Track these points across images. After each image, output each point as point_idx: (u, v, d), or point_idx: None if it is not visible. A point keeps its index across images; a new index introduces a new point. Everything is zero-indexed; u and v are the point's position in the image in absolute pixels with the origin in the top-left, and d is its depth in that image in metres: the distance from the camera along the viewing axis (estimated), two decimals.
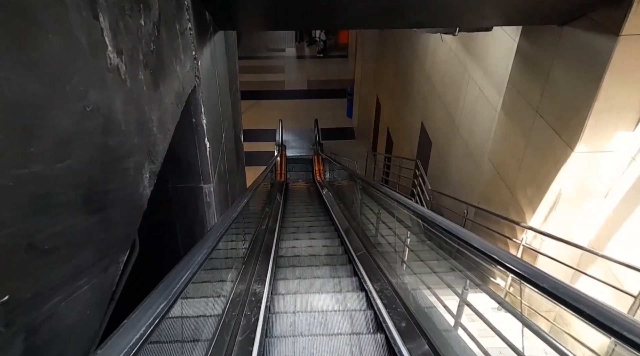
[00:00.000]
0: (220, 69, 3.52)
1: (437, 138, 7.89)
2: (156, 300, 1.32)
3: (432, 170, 7.95)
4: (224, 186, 3.58)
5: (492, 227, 4.88)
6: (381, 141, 12.03)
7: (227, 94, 3.86)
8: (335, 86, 15.76)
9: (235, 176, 4.33)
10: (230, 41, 4.08)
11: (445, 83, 7.37)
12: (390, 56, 10.94)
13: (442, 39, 5.83)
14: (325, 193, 10.48)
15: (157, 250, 3.37)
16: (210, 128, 3.07)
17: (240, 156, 4.70)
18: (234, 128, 4.31)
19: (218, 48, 3.42)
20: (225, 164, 3.65)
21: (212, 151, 3.08)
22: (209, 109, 3.01)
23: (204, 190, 3.13)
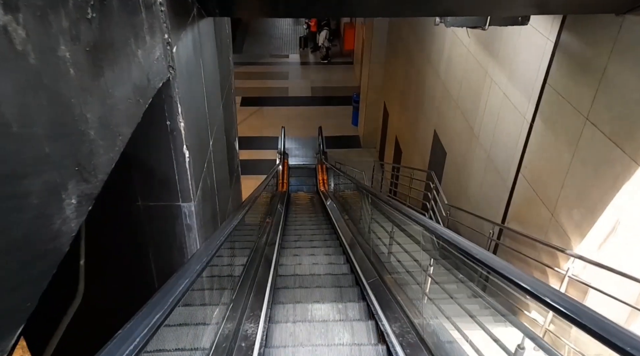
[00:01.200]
0: (209, 64, 2.90)
1: (452, 148, 7.26)
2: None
3: (446, 183, 7.31)
4: (211, 204, 2.95)
5: (525, 252, 4.22)
6: (389, 150, 11.40)
7: (217, 95, 3.24)
8: (340, 93, 15.19)
9: (228, 190, 3.70)
10: (224, 34, 3.48)
11: (462, 89, 6.76)
12: (399, 62, 10.35)
13: (469, 35, 5.22)
14: (330, 204, 9.85)
15: (127, 282, 2.73)
16: (192, 134, 2.44)
17: (235, 166, 4.08)
18: (227, 135, 3.69)
19: (206, 39, 2.82)
20: (214, 177, 3.02)
21: (193, 162, 2.45)
22: (189, 110, 2.38)
23: (183, 210, 2.50)
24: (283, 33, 19.70)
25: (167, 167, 2.36)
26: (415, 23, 8.96)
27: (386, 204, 4.49)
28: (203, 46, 2.69)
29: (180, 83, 2.22)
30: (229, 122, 3.79)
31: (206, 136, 2.83)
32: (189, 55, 2.38)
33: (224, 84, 3.46)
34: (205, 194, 2.77)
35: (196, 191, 2.55)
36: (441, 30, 7.51)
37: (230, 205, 3.80)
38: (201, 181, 2.65)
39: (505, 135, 5.47)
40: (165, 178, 2.39)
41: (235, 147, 4.16)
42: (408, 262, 4.29)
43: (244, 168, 11.75)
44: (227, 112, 3.70)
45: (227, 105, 3.68)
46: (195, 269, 1.80)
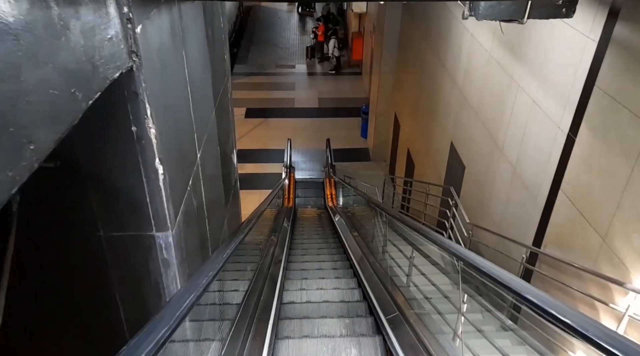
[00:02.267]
0: (195, 59, 2.38)
1: (471, 161, 6.68)
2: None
3: (465, 199, 6.71)
4: (198, 231, 2.40)
5: (568, 282, 3.62)
6: (400, 164, 10.84)
7: (208, 98, 2.72)
8: (349, 104, 14.71)
9: (222, 210, 3.15)
10: (217, 26, 2.97)
11: (483, 97, 6.21)
12: (411, 70, 9.85)
13: (502, 31, 4.68)
14: (338, 220, 9.28)
15: (88, 334, 2.17)
16: (169, 143, 1.91)
17: (232, 182, 3.53)
18: (222, 146, 3.16)
19: (191, 27, 2.31)
20: (202, 196, 2.47)
21: (171, 179, 1.92)
22: (164, 112, 1.86)
23: (158, 241, 1.96)
24: (289, 43, 19.35)
25: (134, 186, 1.83)
26: (429, 27, 8.47)
27: (406, 225, 3.92)
28: (186, 35, 2.17)
29: (149, 76, 1.69)
30: (224, 131, 3.26)
31: (191, 146, 2.29)
32: (164, 42, 1.86)
33: (217, 86, 2.94)
34: (189, 219, 2.22)
35: (175, 216, 2.00)
36: (458, 34, 7.01)
37: (226, 227, 3.24)
38: (183, 203, 2.10)
39: (535, 147, 4.90)
40: (132, 201, 1.85)
41: (233, 160, 3.62)
42: (433, 292, 3.72)
43: (248, 183, 11.27)
44: (222, 120, 3.17)
45: (222, 111, 3.15)
46: (175, 315, 1.31)
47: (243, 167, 11.68)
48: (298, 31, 20.59)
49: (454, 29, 7.21)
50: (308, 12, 22.15)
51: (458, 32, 7.06)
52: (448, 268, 5.78)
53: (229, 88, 3.49)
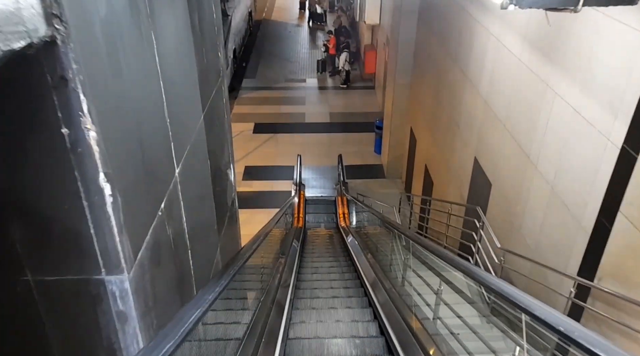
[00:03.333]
0: (172, 47, 1.86)
1: (499, 178, 6.06)
2: None
3: (492, 220, 6.07)
4: (173, 269, 1.84)
5: (632, 324, 2.97)
6: (417, 181, 10.23)
7: (193, 99, 2.19)
8: (361, 119, 14.21)
9: (214, 236, 2.60)
10: (206, 14, 2.46)
11: (512, 106, 5.63)
12: (428, 81, 9.32)
13: (549, 23, 4.05)
14: (351, 240, 8.68)
15: None
16: (123, 154, 1.38)
17: (228, 203, 2.98)
18: (214, 160, 2.62)
19: (166, 5, 1.79)
20: (183, 223, 1.93)
21: (127, 203, 1.37)
22: (115, 111, 1.33)
23: (109, 287, 1.41)
24: (300, 56, 19.03)
25: (71, 213, 1.29)
26: (448, 35, 7.96)
27: (433, 252, 3.32)
28: (157, 14, 1.66)
29: (86, 56, 1.16)
30: (217, 141, 2.73)
31: (165, 159, 1.76)
32: (115, 12, 1.34)
33: (207, 87, 2.42)
34: (160, 253, 1.67)
35: (135, 252, 1.45)
36: (481, 39, 6.48)
37: (219, 258, 2.68)
38: (149, 234, 1.56)
39: (577, 162, 4.29)
40: (69, 233, 1.31)
41: (230, 176, 3.08)
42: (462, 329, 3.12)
43: (255, 201, 10.73)
44: (215, 128, 2.64)
45: (214, 117, 2.62)
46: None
47: (250, 185, 11.19)
48: (308, 45, 20.31)
49: (477, 35, 6.69)
50: (319, 26, 21.92)
51: (481, 38, 6.53)
52: (475, 298, 5.13)
53: (225, 91, 2.97)
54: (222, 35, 2.84)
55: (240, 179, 11.32)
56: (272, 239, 5.91)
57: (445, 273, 3.76)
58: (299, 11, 24.25)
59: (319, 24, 21.98)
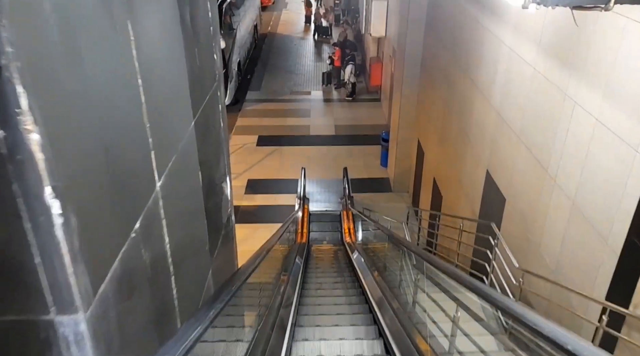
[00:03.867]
0: (155, 41, 1.60)
1: (514, 193, 5.76)
2: None
3: (507, 237, 5.73)
4: (149, 301, 1.55)
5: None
6: (425, 195, 9.92)
7: (181, 103, 1.93)
8: (367, 131, 13.98)
9: (205, 259, 2.31)
10: (200, 11, 2.22)
11: (528, 117, 5.35)
12: (436, 92, 9.08)
13: (576, 23, 3.77)
14: (356, 257, 8.35)
15: None
16: (80, 163, 1.10)
17: (223, 220, 2.69)
18: (207, 172, 2.35)
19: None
20: (165, 245, 1.65)
21: (84, 224, 1.10)
22: (68, 108, 1.05)
23: (61, 330, 1.12)
24: (305, 69, 18.92)
25: (9, 238, 1.01)
26: (457, 45, 7.73)
27: (448, 274, 3.01)
28: (137, 1, 1.41)
29: (28, 36, 0.90)
30: (211, 152, 2.46)
31: (142, 170, 1.48)
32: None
33: (199, 91, 2.16)
34: (132, 284, 1.38)
35: (96, 286, 1.17)
36: (493, 49, 6.23)
37: (211, 282, 2.39)
38: (117, 261, 1.27)
39: (601, 175, 3.99)
40: (9, 264, 1.03)
41: (225, 190, 2.80)
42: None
43: (258, 216, 10.43)
44: (209, 137, 2.38)
45: (208, 125, 2.36)
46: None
47: (253, 199, 10.92)
48: (314, 57, 20.22)
49: (488, 44, 6.45)
50: (324, 39, 21.88)
51: (492, 47, 6.29)
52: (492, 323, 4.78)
53: (221, 97, 2.71)
54: (219, 37, 2.60)
55: (242, 193, 11.05)
56: (273, 257, 5.61)
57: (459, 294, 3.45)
58: (305, 25, 24.27)
59: (325, 37, 21.94)
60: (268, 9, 26.97)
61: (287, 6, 28.77)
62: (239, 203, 10.73)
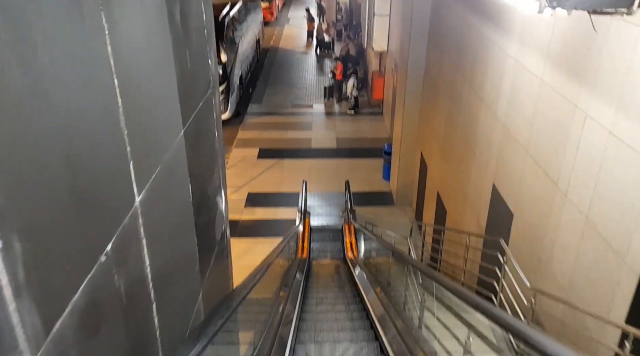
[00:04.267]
0: (138, 39, 1.43)
1: (522, 207, 5.56)
2: None
3: (515, 254, 5.51)
4: (120, 340, 1.35)
5: None
6: (429, 209, 9.71)
7: (168, 109, 1.75)
8: (369, 144, 13.83)
9: (194, 282, 2.10)
10: (193, 10, 2.08)
11: (535, 130, 5.18)
12: (439, 105, 8.94)
13: (595, 29, 3.63)
14: (359, 273, 8.12)
15: None
16: (29, 172, 0.93)
17: (213, 237, 2.50)
18: (199, 185, 2.17)
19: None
20: (145, 268, 1.46)
21: (33, 248, 0.91)
22: (7, 103, 0.87)
23: None
24: (307, 83, 18.88)
25: None
26: (461, 58, 7.61)
27: (460, 297, 2.80)
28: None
29: None
30: (204, 163, 2.28)
31: (118, 182, 1.30)
32: None
33: (190, 97, 1.99)
34: (99, 317, 1.18)
35: (49, 324, 0.98)
36: (498, 62, 6.10)
37: (202, 306, 2.19)
38: (80, 291, 1.08)
39: (616, 190, 3.79)
40: None
41: (219, 205, 2.61)
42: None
43: (258, 230, 10.21)
44: (201, 147, 2.20)
45: (201, 134, 2.19)
46: None
47: (253, 213, 10.72)
48: (316, 72, 20.21)
49: (492, 56, 6.32)
50: (326, 54, 21.92)
51: (497, 60, 6.15)
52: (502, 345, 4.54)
53: (216, 105, 2.55)
54: (214, 40, 2.44)
55: (242, 207, 10.86)
56: (273, 273, 5.41)
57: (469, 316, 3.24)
58: (307, 39, 24.36)
59: (327, 51, 21.98)
60: (271, 24, 27.13)
61: (289, 22, 28.96)
62: (239, 216, 10.53)
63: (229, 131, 14.32)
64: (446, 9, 8.51)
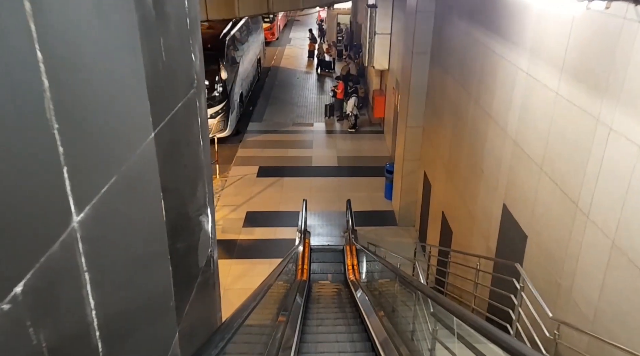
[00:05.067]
0: (90, 24, 1.12)
1: (537, 229, 5.18)
2: None
3: (530, 279, 5.11)
4: None
5: None
6: (433, 230, 9.32)
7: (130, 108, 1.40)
8: (370, 163, 13.53)
9: (166, 322, 1.71)
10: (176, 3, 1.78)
11: (551, 147, 4.85)
12: (445, 123, 8.65)
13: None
14: (360, 296, 7.69)
15: None
16: None
17: (196, 265, 2.11)
18: (177, 202, 1.81)
19: None
20: (90, 314, 1.09)
21: None
22: None
23: None
24: (308, 101, 18.71)
25: None
26: (467, 74, 7.35)
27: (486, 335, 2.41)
28: None
29: None
30: (183, 176, 1.93)
31: (44, 195, 0.94)
32: None
33: (165, 95, 1.65)
34: None
35: None
36: (508, 76, 5.82)
37: (178, 350, 1.81)
38: None
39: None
40: None
41: (204, 225, 2.25)
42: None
43: (256, 251, 9.79)
44: (179, 156, 1.86)
45: (179, 141, 1.84)
46: None
47: (251, 233, 10.32)
48: (317, 90, 20.08)
49: (501, 71, 6.05)
50: (327, 73, 21.85)
51: (507, 74, 5.87)
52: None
53: (202, 109, 2.21)
54: (200, 35, 2.12)
55: (240, 226, 10.47)
56: (271, 297, 5.03)
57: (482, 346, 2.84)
58: (308, 59, 24.37)
59: (327, 71, 21.93)
60: (272, 44, 27.22)
61: (290, 42, 29.10)
62: (237, 236, 10.14)
63: (229, 148, 14.03)
64: (449, 26, 8.31)
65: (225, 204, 11.23)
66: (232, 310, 2.50)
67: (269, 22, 25.98)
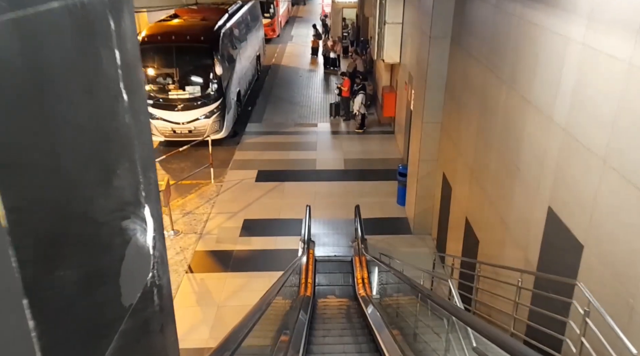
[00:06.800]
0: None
1: (598, 238, 4.17)
2: None
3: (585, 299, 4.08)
4: None
5: None
6: (454, 238, 8.29)
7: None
8: (380, 165, 12.54)
9: None
10: None
11: (622, 133, 3.86)
12: (468, 117, 7.67)
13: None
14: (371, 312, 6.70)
15: None
16: None
17: (120, 299, 1.11)
18: (67, 198, 0.81)
19: None
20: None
21: None
22: None
23: None
24: (311, 100, 17.77)
25: None
26: (497, 54, 6.37)
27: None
28: None
29: None
30: (74, 142, 0.92)
31: None
32: None
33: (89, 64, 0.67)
34: None
35: None
36: (555, 50, 4.84)
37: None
38: None
39: None
40: None
41: (139, 236, 1.26)
42: None
43: (254, 263, 8.70)
44: (57, 104, 0.86)
45: (51, 74, 0.85)
46: None
47: (249, 243, 9.33)
48: (321, 89, 19.16)
49: (545, 47, 5.07)
50: (332, 71, 20.97)
51: (553, 49, 4.90)
52: None
53: (124, 29, 1.24)
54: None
55: (236, 236, 9.49)
56: (272, 314, 4.35)
57: None
58: (311, 57, 23.53)
59: (332, 68, 21.04)
60: (273, 41, 26.40)
61: (292, 39, 28.30)
62: (233, 247, 9.16)
63: (225, 151, 13.09)
64: (475, 2, 7.36)
65: (220, 212, 10.26)
66: (226, 330, 2.49)
67: (269, 17, 25.16)
